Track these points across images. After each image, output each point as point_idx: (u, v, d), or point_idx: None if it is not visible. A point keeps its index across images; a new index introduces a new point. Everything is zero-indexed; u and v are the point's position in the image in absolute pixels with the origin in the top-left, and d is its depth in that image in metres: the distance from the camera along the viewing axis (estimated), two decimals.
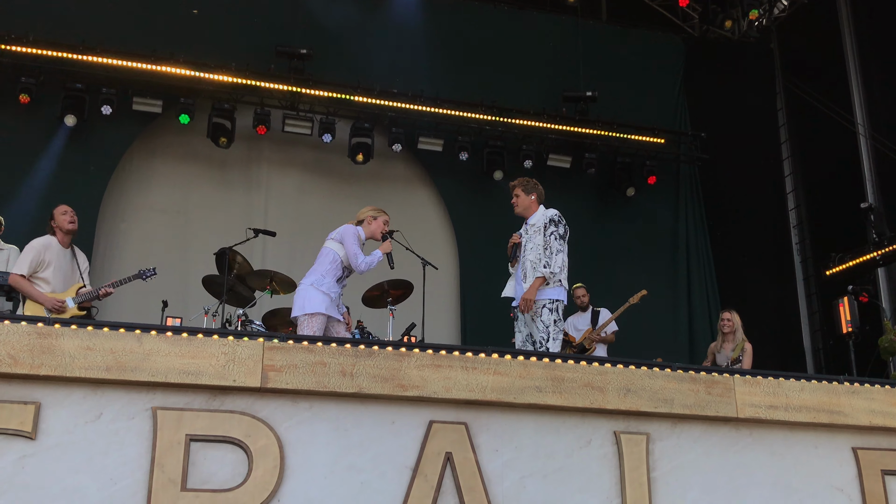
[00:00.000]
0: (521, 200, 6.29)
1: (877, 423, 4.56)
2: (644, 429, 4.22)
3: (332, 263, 6.18)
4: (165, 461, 3.61)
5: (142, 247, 10.69)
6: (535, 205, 6.30)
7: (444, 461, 3.88)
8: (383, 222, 6.49)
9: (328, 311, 5.96)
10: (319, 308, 5.93)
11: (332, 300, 6.06)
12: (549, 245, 5.98)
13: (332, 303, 6.05)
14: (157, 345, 3.70)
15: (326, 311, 5.95)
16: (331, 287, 6.08)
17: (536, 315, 5.85)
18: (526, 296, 5.91)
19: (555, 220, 6.10)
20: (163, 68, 10.55)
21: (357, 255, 6.14)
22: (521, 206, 6.29)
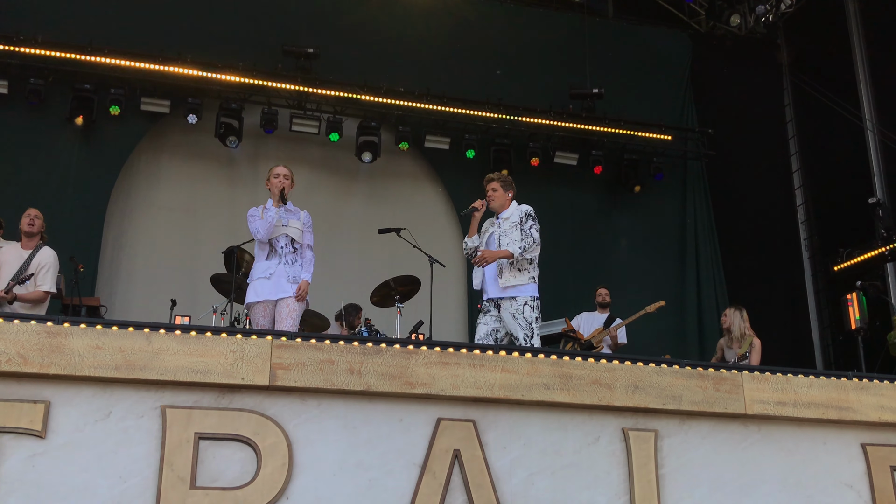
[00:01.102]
0: (499, 196, 6.30)
1: (886, 419, 4.55)
2: (652, 425, 4.22)
3: (255, 251, 6.20)
4: (174, 459, 3.62)
5: (150, 245, 10.73)
6: (510, 202, 6.32)
7: (453, 458, 3.88)
8: (273, 176, 6.33)
9: (260, 297, 5.95)
10: (252, 298, 6.00)
11: (271, 280, 5.98)
12: (531, 235, 6.04)
13: (269, 285, 5.97)
14: (165, 343, 3.72)
15: (258, 298, 5.95)
16: (261, 271, 6.02)
17: (518, 313, 5.85)
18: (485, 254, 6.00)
19: (532, 215, 6.21)
20: (170, 69, 10.58)
21: (255, 231, 6.07)
22: (498, 202, 6.29)
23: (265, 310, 6.01)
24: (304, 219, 6.37)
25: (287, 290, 6.01)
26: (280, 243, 6.15)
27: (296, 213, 6.35)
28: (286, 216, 6.22)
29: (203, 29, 11.10)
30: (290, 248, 6.17)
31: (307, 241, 6.33)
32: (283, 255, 6.11)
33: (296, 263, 6.15)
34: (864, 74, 12.76)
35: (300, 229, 6.27)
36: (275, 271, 6.04)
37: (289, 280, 6.05)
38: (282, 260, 6.09)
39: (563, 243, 12.07)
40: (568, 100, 12.38)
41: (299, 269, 6.16)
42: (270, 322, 6.00)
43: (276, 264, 6.07)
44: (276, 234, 6.13)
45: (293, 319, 6.00)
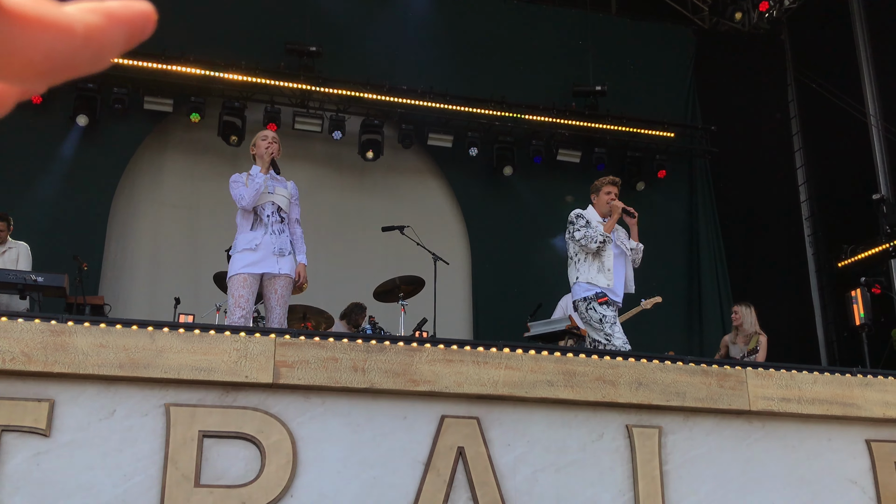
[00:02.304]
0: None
1: (891, 416, 4.54)
2: (656, 422, 4.21)
3: (238, 221, 5.73)
4: (179, 457, 3.63)
5: (153, 244, 10.76)
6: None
7: (457, 456, 3.88)
8: (261, 139, 5.93)
9: (243, 269, 5.47)
10: (234, 270, 5.52)
11: (256, 252, 5.53)
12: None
13: (253, 257, 5.52)
14: (169, 342, 3.72)
15: (240, 270, 5.48)
16: (246, 242, 5.58)
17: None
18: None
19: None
20: (173, 68, 10.60)
21: (239, 198, 5.61)
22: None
23: (246, 282, 5.51)
24: (291, 189, 5.97)
25: (273, 265, 5.57)
26: (266, 212, 5.70)
27: (282, 181, 5.94)
28: (272, 183, 5.79)
29: (206, 28, 11.11)
30: (276, 216, 5.73)
31: (295, 214, 5.93)
32: (269, 225, 5.67)
33: (283, 234, 5.72)
34: (868, 70, 12.73)
35: (288, 199, 5.86)
36: (261, 242, 5.59)
37: (275, 253, 5.60)
38: (268, 230, 5.65)
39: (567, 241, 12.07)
40: (571, 97, 12.38)
41: (286, 242, 5.72)
42: (251, 295, 5.54)
43: (261, 234, 5.62)
44: (262, 202, 5.69)
45: (283, 308, 5.64)
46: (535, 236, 12.12)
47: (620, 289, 6.18)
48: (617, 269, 6.17)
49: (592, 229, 6.19)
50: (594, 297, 5.99)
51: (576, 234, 6.22)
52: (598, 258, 6.15)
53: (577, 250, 6.27)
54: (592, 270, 6.12)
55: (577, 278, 6.15)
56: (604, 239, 6.12)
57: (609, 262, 6.14)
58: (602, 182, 6.53)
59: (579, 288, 6.12)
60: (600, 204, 6.44)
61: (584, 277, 6.10)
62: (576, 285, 6.17)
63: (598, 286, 6.03)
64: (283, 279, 5.59)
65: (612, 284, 6.07)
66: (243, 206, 5.62)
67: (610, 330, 5.90)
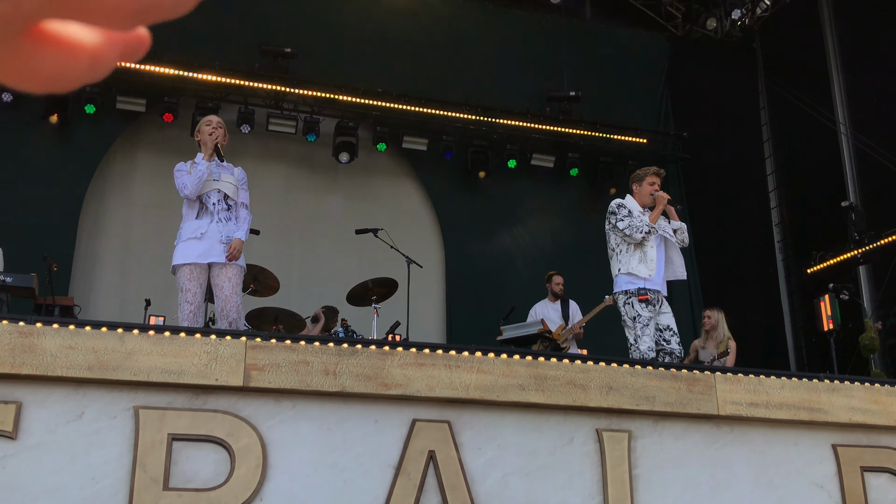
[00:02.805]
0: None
1: (856, 421, 4.60)
2: (626, 426, 4.24)
3: (184, 210, 5.58)
4: (147, 460, 3.60)
5: (125, 244, 10.68)
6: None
7: (427, 459, 3.89)
8: (205, 124, 5.75)
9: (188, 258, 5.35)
10: (179, 260, 5.39)
11: (202, 241, 5.38)
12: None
13: (199, 247, 5.37)
14: (139, 344, 3.69)
15: (185, 260, 5.35)
16: (191, 231, 5.44)
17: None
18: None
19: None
20: (146, 67, 10.52)
21: (182, 186, 5.47)
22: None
23: (192, 273, 5.36)
24: (238, 175, 5.76)
25: (220, 253, 5.40)
26: (212, 199, 5.52)
27: (229, 168, 5.74)
28: (218, 170, 5.61)
29: (180, 28, 11.02)
30: (223, 204, 5.54)
31: (243, 199, 5.71)
32: (215, 213, 5.49)
33: (230, 222, 5.53)
34: (838, 79, 12.90)
35: (234, 185, 5.65)
36: (206, 230, 5.42)
37: (222, 241, 5.44)
38: (214, 218, 5.47)
39: (540, 245, 12.14)
40: (545, 102, 12.44)
41: (233, 228, 5.53)
42: (199, 288, 5.39)
43: (207, 223, 5.45)
44: (207, 190, 5.51)
45: (238, 296, 5.46)
46: (509, 240, 12.17)
47: (661, 279, 6.06)
48: (660, 261, 6.09)
49: (636, 219, 6.09)
50: (635, 292, 5.92)
51: (619, 225, 6.11)
52: (640, 248, 6.05)
53: (618, 241, 6.16)
54: (634, 260, 6.03)
55: (619, 270, 6.08)
56: (649, 230, 6.03)
57: (651, 252, 6.05)
58: (645, 172, 6.41)
59: (620, 280, 6.04)
60: (642, 194, 6.33)
61: (626, 268, 6.02)
62: (617, 277, 6.09)
63: (640, 276, 5.94)
64: (233, 269, 5.42)
65: (654, 274, 5.98)
66: (186, 194, 5.47)
67: (640, 332, 5.82)
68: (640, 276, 5.95)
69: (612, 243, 6.24)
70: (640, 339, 5.80)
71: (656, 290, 6.00)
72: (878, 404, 4.66)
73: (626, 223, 6.07)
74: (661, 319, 6.04)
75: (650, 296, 5.91)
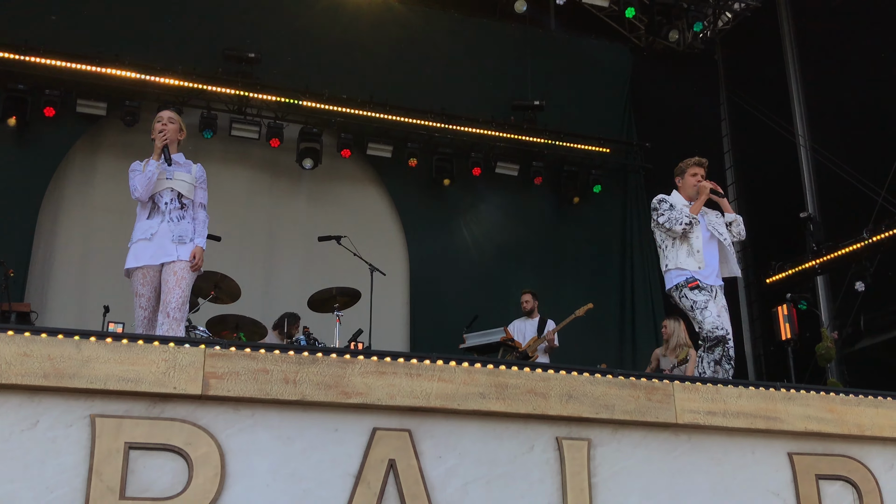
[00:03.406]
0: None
1: (812, 429, 4.66)
2: (585, 434, 4.26)
3: (137, 210, 5.39)
4: (104, 469, 3.55)
5: (83, 249, 10.53)
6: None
7: (388, 468, 3.88)
8: (156, 121, 5.58)
9: (139, 261, 5.19)
10: (130, 263, 5.23)
11: (152, 241, 5.22)
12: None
13: (150, 248, 5.21)
14: (96, 351, 3.64)
15: (137, 263, 5.20)
16: (141, 232, 5.27)
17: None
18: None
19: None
20: (108, 70, 10.41)
21: (133, 189, 5.30)
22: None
23: (145, 277, 5.19)
24: (196, 173, 5.54)
25: (171, 252, 5.21)
26: (164, 199, 5.32)
27: (186, 165, 5.54)
28: (173, 168, 5.41)
29: (143, 31, 10.95)
30: (176, 203, 5.34)
31: (200, 198, 5.50)
32: (166, 213, 5.29)
33: (183, 221, 5.31)
34: (798, 92, 13.12)
35: (191, 184, 5.44)
36: (157, 230, 5.24)
37: (174, 240, 5.23)
38: (165, 218, 5.28)
39: (506, 253, 12.18)
40: (510, 111, 12.50)
41: (187, 228, 5.32)
42: (153, 292, 5.22)
43: (158, 223, 5.26)
44: (160, 189, 5.31)
45: (182, 290, 5.19)
46: (474, 248, 12.19)
47: (712, 272, 5.89)
48: (709, 254, 5.92)
49: (677, 212, 5.94)
50: (685, 283, 5.78)
51: (660, 220, 5.96)
52: (686, 241, 5.89)
53: (663, 237, 6.02)
54: (681, 254, 5.88)
55: (667, 266, 5.93)
56: (690, 220, 5.88)
57: (698, 243, 5.88)
58: (687, 164, 6.28)
59: (669, 276, 5.90)
60: (686, 187, 6.19)
61: (673, 263, 5.88)
62: (666, 274, 5.95)
63: (688, 270, 5.80)
64: (181, 262, 5.23)
65: (703, 267, 5.82)
66: (136, 197, 5.30)
67: (700, 316, 5.70)
68: (687, 269, 5.81)
69: (657, 240, 6.08)
70: (704, 322, 5.67)
71: (710, 284, 5.82)
72: (833, 413, 4.73)
73: (666, 216, 5.92)
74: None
75: (701, 282, 5.74)
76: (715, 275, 5.92)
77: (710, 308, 5.71)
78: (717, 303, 5.86)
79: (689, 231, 5.89)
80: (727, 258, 6.08)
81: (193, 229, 5.37)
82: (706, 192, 6.05)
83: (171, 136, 5.49)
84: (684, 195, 6.16)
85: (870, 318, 11.79)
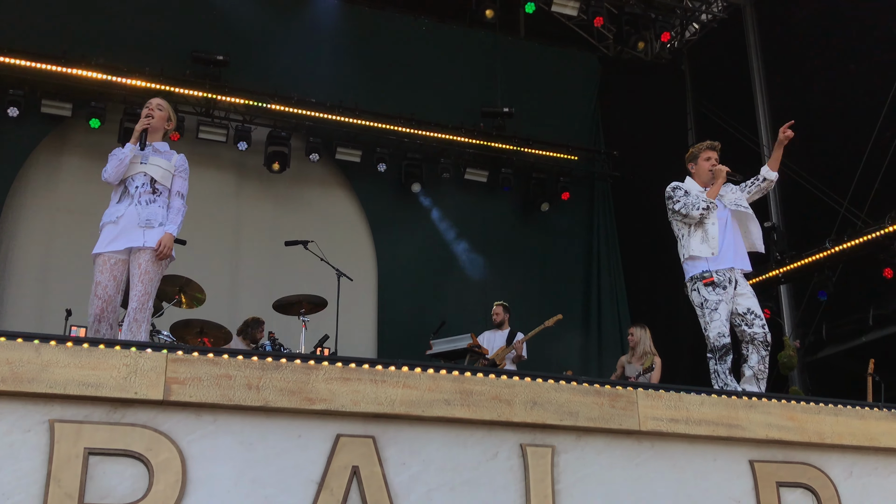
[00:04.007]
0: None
1: (773, 437, 4.71)
2: (549, 441, 4.27)
3: (111, 196, 5.22)
4: (62, 475, 3.51)
5: (45, 250, 10.38)
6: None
7: (351, 475, 3.86)
8: (145, 106, 5.42)
9: (104, 247, 4.96)
10: (95, 248, 5.01)
11: (118, 225, 5.00)
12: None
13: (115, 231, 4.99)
14: (55, 356, 3.60)
15: (101, 249, 4.96)
16: (109, 216, 5.07)
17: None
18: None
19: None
20: (74, 71, 10.30)
21: (104, 171, 5.17)
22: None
23: (105, 264, 4.94)
24: (176, 162, 5.31)
25: (137, 238, 4.95)
26: (135, 183, 5.10)
27: (167, 154, 5.32)
28: (148, 154, 5.21)
29: (110, 32, 10.84)
30: (147, 188, 5.09)
31: (178, 187, 5.26)
32: (136, 196, 5.05)
33: (152, 205, 5.06)
34: (763, 102, 13.28)
35: (167, 171, 5.22)
36: (123, 213, 5.00)
37: (140, 224, 4.98)
38: (133, 201, 5.04)
39: (474, 259, 12.19)
40: (479, 117, 12.53)
41: (157, 212, 5.07)
42: (113, 280, 4.94)
43: (126, 206, 5.04)
44: (132, 173, 5.11)
45: (144, 286, 4.92)
46: (442, 253, 12.20)
47: (728, 256, 5.74)
48: (730, 238, 5.78)
49: (693, 197, 5.81)
50: (699, 276, 5.69)
51: (675, 207, 5.83)
52: (702, 227, 5.77)
53: (679, 226, 5.89)
54: (696, 241, 5.75)
55: (683, 256, 5.83)
56: (707, 205, 5.73)
57: (713, 229, 5.74)
58: (700, 148, 6.10)
59: (686, 268, 5.81)
60: (700, 172, 6.03)
61: (688, 252, 5.77)
62: (684, 265, 5.85)
63: (702, 257, 5.70)
64: (148, 252, 4.97)
65: (717, 252, 5.68)
66: (105, 178, 5.14)
67: (708, 318, 5.61)
68: (702, 258, 5.70)
69: (674, 230, 5.96)
70: (710, 326, 5.59)
71: (726, 268, 5.70)
72: (793, 421, 4.79)
73: (682, 202, 5.80)
74: (740, 302, 5.72)
75: (716, 277, 5.62)
76: (733, 257, 5.76)
77: (719, 311, 5.61)
78: (738, 291, 5.73)
79: (707, 216, 5.76)
80: (750, 231, 5.96)
81: (165, 215, 5.13)
82: (722, 175, 5.91)
83: (158, 123, 5.32)
84: (699, 182, 6.00)
85: (832, 328, 11.94)
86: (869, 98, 11.19)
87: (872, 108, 11.04)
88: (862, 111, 11.31)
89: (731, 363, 5.67)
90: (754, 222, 5.98)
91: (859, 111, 11.39)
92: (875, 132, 11.01)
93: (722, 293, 5.64)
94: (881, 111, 10.93)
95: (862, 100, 11.37)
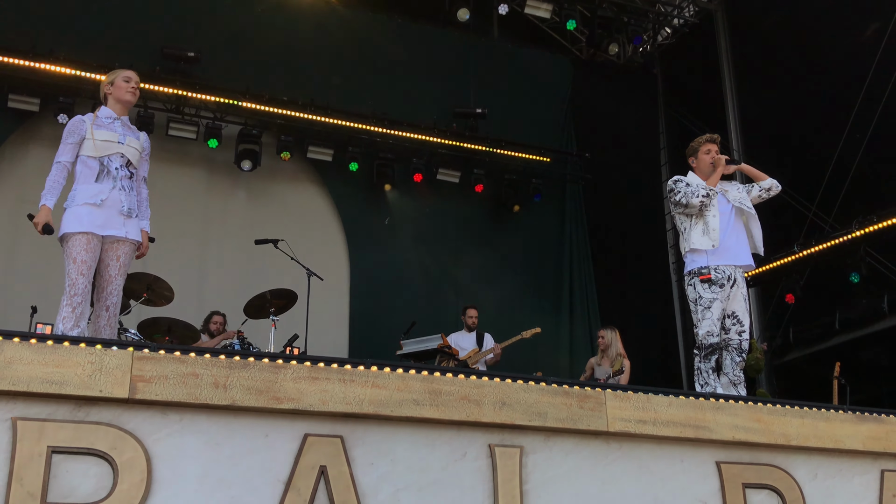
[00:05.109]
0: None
1: (739, 438, 4.75)
2: (518, 442, 4.28)
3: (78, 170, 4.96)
4: (24, 474, 3.46)
5: (10, 246, 10.23)
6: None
7: (318, 475, 3.84)
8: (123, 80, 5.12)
9: (84, 226, 4.78)
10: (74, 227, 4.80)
11: (101, 209, 4.83)
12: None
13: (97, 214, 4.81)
14: (19, 352, 3.55)
15: (81, 228, 4.78)
16: (89, 195, 4.85)
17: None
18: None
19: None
20: (42, 66, 10.17)
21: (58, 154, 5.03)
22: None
23: (90, 244, 4.77)
24: (144, 142, 5.18)
25: (119, 226, 4.86)
26: (114, 164, 4.93)
27: (135, 131, 5.15)
28: (124, 132, 5.03)
29: (79, 26, 10.71)
30: (125, 171, 4.95)
31: (144, 172, 5.16)
32: (118, 179, 4.90)
33: (132, 192, 4.95)
34: (733, 107, 13.41)
35: (138, 151, 5.07)
36: (107, 197, 4.85)
37: (122, 213, 4.87)
38: (117, 185, 4.89)
39: (444, 260, 12.18)
40: (452, 118, 12.53)
41: (135, 202, 4.98)
42: (94, 262, 4.80)
43: (108, 188, 4.86)
44: (110, 153, 4.92)
45: (121, 280, 4.92)
46: (414, 254, 12.17)
47: (731, 251, 5.73)
48: (733, 234, 5.77)
49: (694, 187, 5.78)
50: (697, 272, 5.66)
51: (676, 198, 5.80)
52: (702, 219, 5.74)
53: (682, 219, 5.86)
54: (696, 233, 5.72)
55: (685, 249, 5.80)
56: (707, 192, 5.70)
57: (714, 221, 5.71)
58: (699, 142, 6.10)
59: (686, 262, 5.78)
60: (701, 166, 6.01)
61: (689, 245, 5.73)
62: (685, 258, 5.82)
63: (702, 250, 5.66)
64: (128, 245, 4.93)
65: (717, 245, 5.65)
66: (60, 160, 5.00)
67: (699, 316, 5.60)
68: (702, 251, 5.67)
69: (677, 225, 5.93)
70: (700, 324, 5.59)
71: (726, 265, 5.68)
72: (760, 423, 4.83)
73: (682, 192, 5.77)
74: (730, 304, 5.70)
75: (714, 275, 5.60)
76: (734, 254, 5.76)
77: (712, 310, 5.60)
78: (733, 290, 5.71)
79: (707, 206, 5.74)
80: (752, 233, 5.96)
81: (139, 205, 5.05)
82: (722, 163, 5.91)
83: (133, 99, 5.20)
84: (700, 175, 5.99)
85: (798, 331, 12.08)
86: (837, 104, 11.33)
87: (841, 114, 11.18)
88: (830, 117, 11.46)
89: (714, 363, 5.69)
90: (756, 224, 6.00)
91: (828, 117, 11.53)
92: (843, 138, 11.14)
93: (718, 291, 5.65)
94: (849, 117, 11.06)
95: (830, 105, 11.51)
